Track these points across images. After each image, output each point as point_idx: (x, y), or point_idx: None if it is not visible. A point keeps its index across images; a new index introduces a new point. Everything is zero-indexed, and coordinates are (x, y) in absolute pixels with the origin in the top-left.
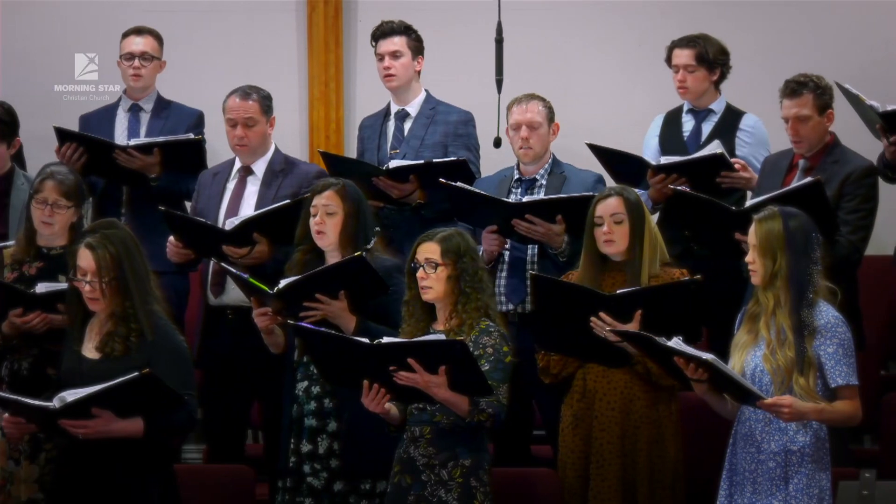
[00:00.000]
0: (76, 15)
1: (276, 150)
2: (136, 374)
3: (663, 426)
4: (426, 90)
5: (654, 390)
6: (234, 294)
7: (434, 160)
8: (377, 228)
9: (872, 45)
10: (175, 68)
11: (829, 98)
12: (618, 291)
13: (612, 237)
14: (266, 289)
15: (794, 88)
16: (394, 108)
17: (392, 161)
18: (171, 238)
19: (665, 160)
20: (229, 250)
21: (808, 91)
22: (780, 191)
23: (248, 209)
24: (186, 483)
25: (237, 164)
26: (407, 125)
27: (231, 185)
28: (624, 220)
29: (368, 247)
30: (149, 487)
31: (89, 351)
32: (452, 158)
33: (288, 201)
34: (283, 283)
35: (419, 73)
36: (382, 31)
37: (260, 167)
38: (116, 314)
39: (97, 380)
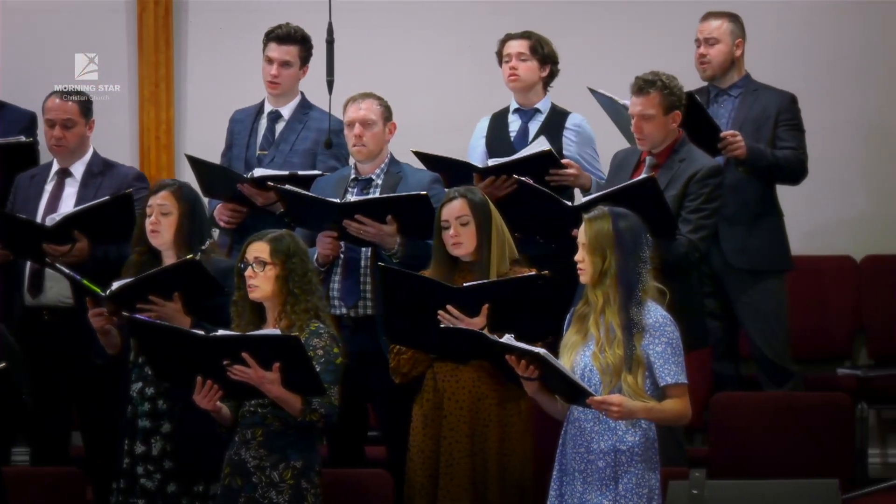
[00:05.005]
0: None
1: (95, 152)
2: None
3: (511, 424)
4: (302, 93)
5: (503, 388)
6: (51, 294)
7: (298, 172)
8: (214, 229)
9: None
10: (6, 69)
11: (676, 99)
12: (465, 284)
13: (459, 239)
14: (98, 290)
15: (641, 86)
16: (267, 108)
17: (257, 170)
18: None
19: (493, 162)
20: (50, 248)
21: (655, 90)
22: (614, 188)
23: (66, 210)
24: (14, 486)
25: (55, 167)
26: (279, 127)
27: (49, 188)
28: (470, 222)
29: (203, 247)
30: None
31: None
32: (317, 172)
33: (107, 198)
34: (115, 284)
35: (300, 80)
36: (279, 37)
37: (78, 169)
38: None
39: None
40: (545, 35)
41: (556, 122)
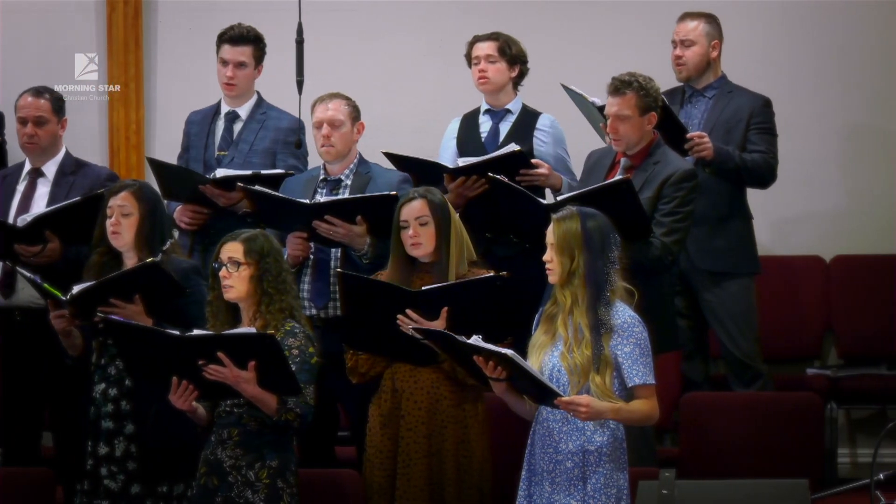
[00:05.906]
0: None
1: (67, 152)
2: None
3: (469, 426)
4: (258, 92)
5: (461, 390)
6: (23, 295)
7: (262, 172)
8: (175, 230)
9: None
10: None
11: (652, 100)
12: (423, 287)
13: (418, 240)
14: (59, 294)
15: (617, 87)
16: (224, 108)
17: (219, 171)
18: None
19: (463, 162)
20: (21, 249)
21: (632, 91)
22: (589, 188)
23: (38, 210)
24: None
25: (27, 167)
26: (236, 127)
27: (21, 188)
28: (429, 222)
29: (164, 248)
30: None
31: None
32: (280, 171)
33: (78, 198)
34: (76, 288)
35: (256, 79)
36: (231, 38)
37: (50, 169)
38: None
39: None
40: (516, 35)
41: (526, 122)
